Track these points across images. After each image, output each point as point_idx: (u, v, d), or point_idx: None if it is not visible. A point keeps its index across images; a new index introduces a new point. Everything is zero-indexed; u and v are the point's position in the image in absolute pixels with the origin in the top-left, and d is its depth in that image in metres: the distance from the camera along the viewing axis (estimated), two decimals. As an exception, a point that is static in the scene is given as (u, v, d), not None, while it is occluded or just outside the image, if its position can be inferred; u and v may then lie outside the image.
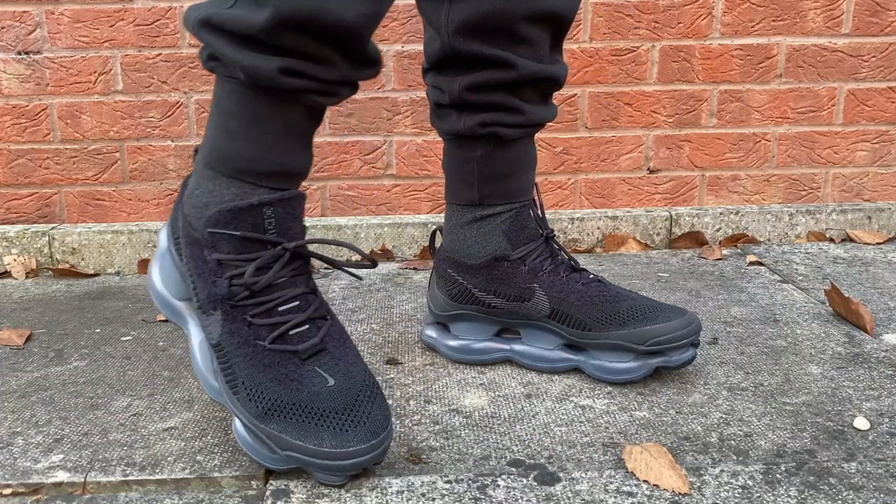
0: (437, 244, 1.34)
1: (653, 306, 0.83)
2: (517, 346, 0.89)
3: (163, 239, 0.76)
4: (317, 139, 1.38)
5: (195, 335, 0.72)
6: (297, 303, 0.68)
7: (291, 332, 0.67)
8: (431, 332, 0.93)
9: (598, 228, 1.40)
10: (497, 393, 0.82)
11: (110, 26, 1.33)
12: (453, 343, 0.90)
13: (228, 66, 0.64)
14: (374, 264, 0.72)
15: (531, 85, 0.83)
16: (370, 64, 0.68)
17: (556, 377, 0.86)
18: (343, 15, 0.62)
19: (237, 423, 0.67)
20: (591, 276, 0.88)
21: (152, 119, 1.36)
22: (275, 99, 0.65)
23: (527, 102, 0.84)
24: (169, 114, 1.36)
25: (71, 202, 1.39)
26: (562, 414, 0.77)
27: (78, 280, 1.30)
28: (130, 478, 0.67)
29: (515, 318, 0.88)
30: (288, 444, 0.63)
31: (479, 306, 0.88)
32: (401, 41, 1.35)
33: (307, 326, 0.68)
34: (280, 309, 0.67)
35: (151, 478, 0.67)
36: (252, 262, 0.67)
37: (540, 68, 0.82)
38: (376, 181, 1.41)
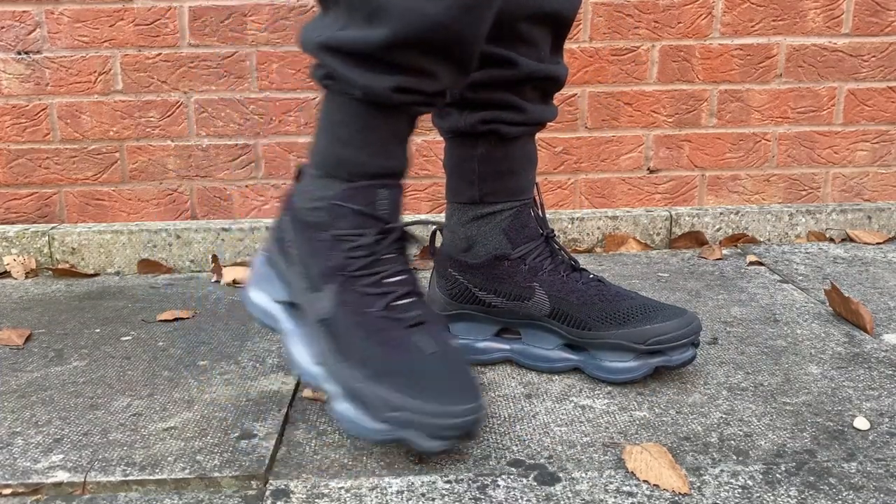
0: (438, 244, 1.34)
1: (653, 306, 0.83)
2: (517, 346, 0.89)
3: (258, 262, 0.81)
4: (317, 139, 1.38)
5: (291, 331, 0.76)
6: (401, 277, 0.73)
7: (397, 303, 0.72)
8: None
9: (598, 228, 1.40)
10: (497, 393, 0.82)
11: (110, 26, 1.33)
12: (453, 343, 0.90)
13: (344, 84, 0.69)
14: (438, 227, 0.85)
15: (532, 84, 0.83)
16: (470, 72, 0.72)
17: (556, 377, 0.86)
18: (462, 32, 0.66)
19: (337, 403, 0.69)
20: (591, 275, 0.88)
21: (152, 119, 1.36)
22: (384, 112, 0.70)
23: (527, 101, 0.84)
24: (169, 114, 1.36)
25: (71, 202, 1.39)
26: (562, 414, 0.77)
27: (78, 280, 1.30)
28: (130, 478, 0.67)
29: (515, 318, 0.88)
30: (399, 403, 0.65)
31: (480, 305, 0.88)
32: (401, 41, 1.35)
33: (411, 299, 0.73)
34: (386, 281, 0.72)
35: (151, 478, 0.67)
36: (365, 236, 0.72)
37: (540, 67, 0.82)
38: (376, 181, 1.41)
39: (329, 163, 0.73)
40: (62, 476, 0.67)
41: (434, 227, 0.90)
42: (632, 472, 0.66)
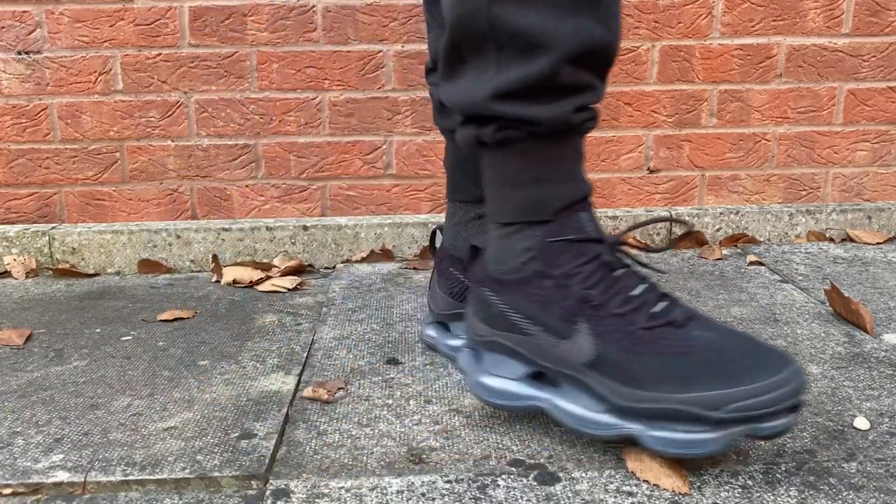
0: (438, 244, 1.34)
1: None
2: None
3: (463, 357, 0.76)
4: (317, 139, 1.39)
5: (553, 397, 0.70)
6: (643, 285, 0.69)
7: (655, 310, 0.67)
8: (432, 332, 0.93)
9: (598, 228, 1.40)
10: (497, 393, 0.83)
11: (110, 26, 1.33)
12: (454, 342, 0.90)
13: (527, 125, 0.67)
14: (687, 224, 0.80)
15: None
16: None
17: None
18: (611, 42, 0.66)
19: (653, 433, 0.63)
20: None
21: (152, 119, 1.36)
22: (566, 137, 0.69)
23: None
24: (169, 114, 1.36)
25: (71, 202, 1.39)
26: (562, 414, 0.77)
27: (78, 280, 1.30)
28: (130, 477, 0.67)
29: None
30: (724, 399, 0.60)
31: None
32: (401, 41, 1.35)
33: (665, 302, 0.68)
34: (632, 294, 0.68)
35: (151, 477, 0.67)
36: (591, 262, 0.69)
37: None
38: (376, 181, 1.41)
39: (526, 210, 0.70)
40: (62, 476, 0.67)
41: (434, 227, 0.90)
42: (632, 472, 0.66)
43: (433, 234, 0.97)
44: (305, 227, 1.35)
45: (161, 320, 1.07)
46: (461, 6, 0.64)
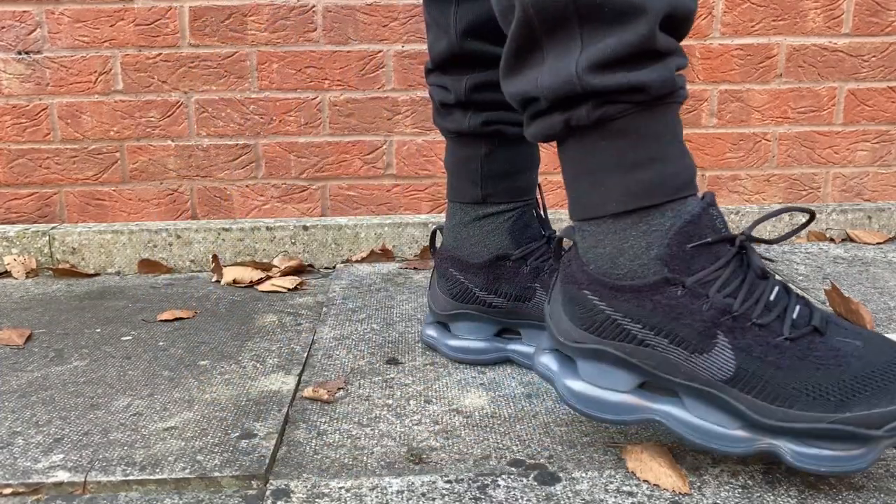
0: (438, 244, 1.34)
1: None
2: (518, 347, 0.89)
3: (548, 360, 0.70)
4: (317, 139, 1.39)
5: (677, 410, 0.64)
6: (777, 288, 0.63)
7: (795, 316, 0.62)
8: (432, 332, 0.93)
9: (599, 228, 1.40)
10: (497, 393, 0.82)
11: (110, 26, 1.33)
12: (454, 343, 0.90)
13: (632, 94, 0.61)
14: (811, 214, 0.67)
15: None
16: None
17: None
18: (694, 4, 0.63)
19: (790, 450, 0.60)
20: None
21: (152, 119, 1.36)
22: (670, 106, 0.63)
23: None
24: (169, 113, 1.36)
25: (71, 202, 1.39)
26: (562, 414, 0.77)
27: (78, 280, 1.30)
28: (131, 477, 0.67)
29: (516, 318, 0.88)
30: (887, 416, 0.57)
31: (480, 305, 0.88)
32: (401, 41, 1.35)
33: (800, 305, 0.63)
34: (771, 300, 0.62)
35: (152, 477, 0.67)
36: (727, 265, 0.62)
37: None
38: (376, 181, 1.41)
39: (640, 195, 0.62)
40: (62, 476, 0.67)
41: (434, 227, 0.89)
42: (632, 472, 0.66)
43: (433, 234, 0.97)
44: (305, 227, 1.35)
45: (161, 320, 1.07)
46: None
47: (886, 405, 0.58)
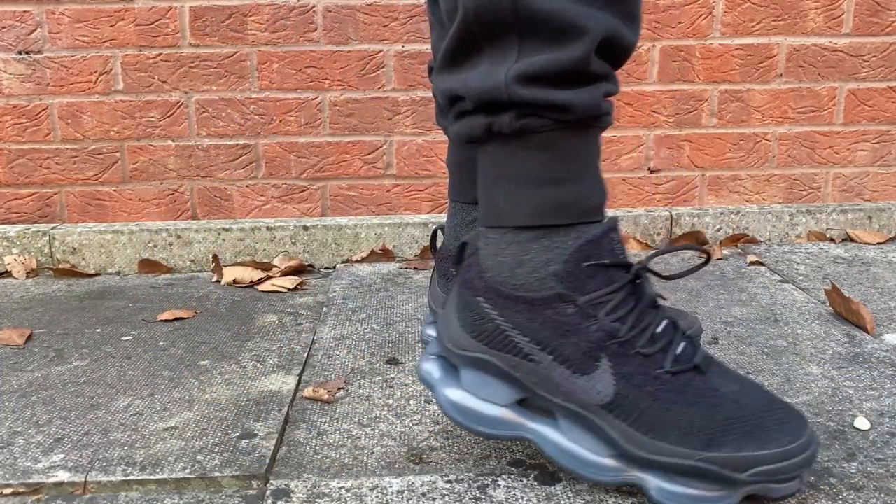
0: (439, 243, 1.34)
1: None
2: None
3: (432, 367, 0.68)
4: (317, 139, 1.39)
5: (551, 431, 0.64)
6: (666, 320, 0.63)
7: (679, 351, 0.62)
8: (432, 332, 0.93)
9: (599, 228, 1.40)
10: (497, 393, 0.82)
11: (111, 26, 1.33)
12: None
13: (555, 112, 0.61)
14: (708, 256, 0.66)
15: None
16: None
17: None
18: (634, 37, 0.63)
19: (655, 485, 0.60)
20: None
21: (153, 119, 1.36)
22: (591, 130, 0.63)
23: None
24: (169, 114, 1.36)
25: (71, 202, 1.39)
26: (562, 414, 0.77)
27: (78, 280, 1.30)
28: (131, 477, 0.67)
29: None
30: (751, 461, 0.57)
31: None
32: (401, 41, 1.35)
33: (685, 342, 0.63)
34: (658, 332, 0.62)
35: (152, 477, 0.67)
36: (620, 290, 0.62)
37: None
38: (376, 181, 1.41)
39: (548, 213, 0.62)
40: (63, 476, 0.67)
41: (435, 227, 0.88)
42: (632, 472, 0.66)
43: (434, 233, 0.96)
44: (306, 227, 1.35)
45: (161, 320, 1.08)
46: None
47: (753, 450, 0.58)
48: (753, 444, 0.58)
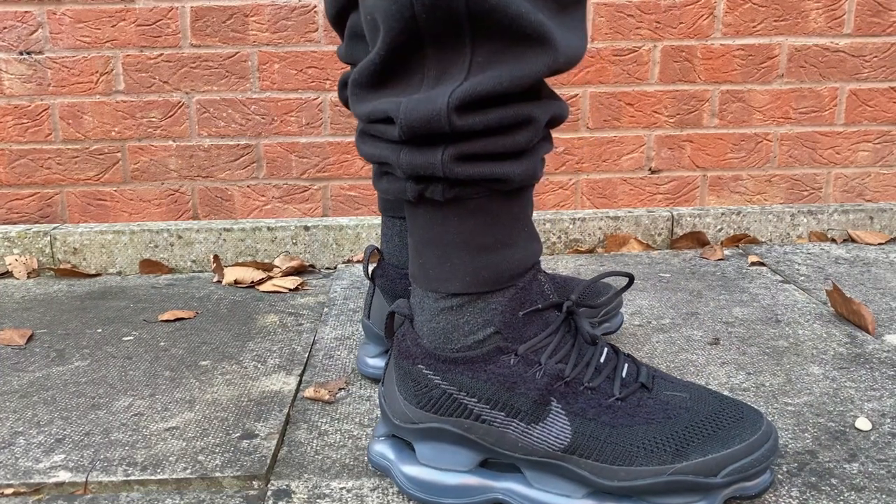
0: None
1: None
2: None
3: (383, 449, 0.66)
4: (318, 139, 1.39)
5: (520, 486, 0.62)
6: (606, 350, 0.63)
7: (625, 376, 0.62)
8: (373, 361, 0.87)
9: (600, 229, 1.40)
10: (498, 393, 0.82)
11: (112, 26, 1.33)
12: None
13: (493, 183, 0.58)
14: (630, 279, 0.67)
15: None
16: None
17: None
18: (580, 56, 0.58)
19: None
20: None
21: (154, 119, 1.37)
22: (526, 189, 0.61)
23: None
24: (170, 114, 1.37)
25: (72, 202, 1.39)
26: (563, 414, 0.77)
27: (79, 280, 1.30)
28: (132, 478, 0.67)
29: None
30: (721, 461, 0.58)
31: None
32: (402, 41, 1.35)
33: (628, 364, 0.63)
34: (601, 362, 0.62)
35: (153, 478, 0.67)
36: (557, 331, 0.62)
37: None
38: (378, 181, 1.41)
39: (485, 280, 0.60)
40: (64, 476, 0.67)
41: (368, 246, 0.84)
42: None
43: (367, 254, 0.87)
44: (307, 228, 1.35)
45: (162, 320, 1.08)
46: None
47: (719, 450, 0.58)
48: (718, 445, 0.58)
